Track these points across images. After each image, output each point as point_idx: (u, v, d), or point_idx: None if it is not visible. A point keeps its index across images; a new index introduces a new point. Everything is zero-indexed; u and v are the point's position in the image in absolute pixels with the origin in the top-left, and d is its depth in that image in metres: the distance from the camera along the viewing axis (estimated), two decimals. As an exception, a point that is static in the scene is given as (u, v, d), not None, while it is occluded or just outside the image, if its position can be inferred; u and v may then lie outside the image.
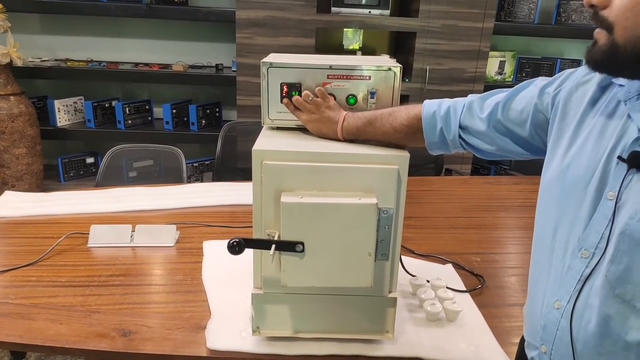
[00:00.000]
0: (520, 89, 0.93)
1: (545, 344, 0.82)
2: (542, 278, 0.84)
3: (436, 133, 1.00)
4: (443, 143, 1.01)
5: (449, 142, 1.00)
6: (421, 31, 2.95)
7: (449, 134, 0.99)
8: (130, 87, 3.38)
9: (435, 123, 1.00)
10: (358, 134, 1.05)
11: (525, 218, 1.87)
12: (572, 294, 0.76)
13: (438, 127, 1.00)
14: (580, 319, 0.75)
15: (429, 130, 1.00)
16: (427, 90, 3.05)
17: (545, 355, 0.82)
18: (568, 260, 0.77)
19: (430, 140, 1.01)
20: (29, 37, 3.16)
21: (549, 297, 0.81)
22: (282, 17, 2.85)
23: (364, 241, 0.94)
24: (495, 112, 0.95)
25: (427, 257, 1.49)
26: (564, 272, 0.78)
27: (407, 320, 1.17)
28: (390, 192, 0.96)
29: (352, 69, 1.08)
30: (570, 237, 0.78)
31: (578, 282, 0.76)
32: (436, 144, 1.02)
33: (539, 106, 0.88)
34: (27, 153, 2.85)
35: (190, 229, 1.63)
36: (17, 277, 1.30)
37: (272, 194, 0.96)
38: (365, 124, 1.04)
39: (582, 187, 0.76)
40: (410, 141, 1.03)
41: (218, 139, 2.54)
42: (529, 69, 3.34)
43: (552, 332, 0.79)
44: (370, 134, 1.04)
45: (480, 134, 0.97)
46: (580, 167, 0.77)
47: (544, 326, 0.81)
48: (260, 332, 1.07)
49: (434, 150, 1.03)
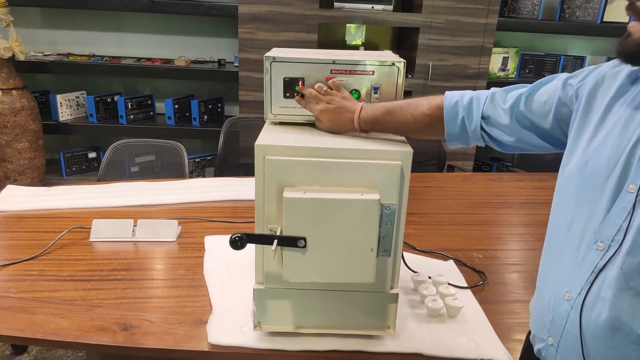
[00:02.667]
0: (543, 82, 0.93)
1: (552, 336, 0.81)
2: (553, 270, 0.83)
3: (457, 123, 0.99)
4: (463, 134, 1.00)
5: (469, 133, 0.99)
6: (424, 27, 2.93)
7: (470, 125, 0.98)
8: (133, 82, 3.37)
9: (457, 113, 0.99)
10: (376, 122, 1.03)
11: (528, 215, 1.87)
12: (583, 286, 0.76)
13: (460, 116, 0.99)
14: (590, 311, 0.75)
15: (450, 119, 0.99)
16: (430, 86, 3.04)
17: (551, 347, 0.82)
18: (582, 252, 0.77)
19: (451, 130, 1.00)
20: (31, 31, 3.16)
21: (558, 289, 0.80)
22: (284, 12, 2.84)
23: (367, 237, 0.93)
24: (517, 104, 0.94)
25: (429, 254, 1.49)
26: (577, 264, 0.77)
27: (409, 316, 1.17)
28: (393, 188, 0.95)
29: (356, 64, 1.07)
30: (586, 229, 0.77)
31: (591, 274, 0.75)
32: (456, 135, 1.00)
33: (563, 98, 0.87)
34: (29, 147, 2.85)
35: (192, 224, 1.62)
36: (19, 271, 1.30)
37: (274, 189, 0.96)
38: (384, 113, 1.03)
39: (603, 178, 0.75)
40: (430, 131, 1.02)
41: (220, 135, 2.54)
42: (532, 66, 3.32)
43: (560, 324, 0.79)
44: (389, 123, 1.03)
45: (502, 125, 0.96)
46: (602, 158, 0.76)
47: (552, 318, 0.81)
48: (261, 327, 1.07)
49: (452, 142, 1.02)
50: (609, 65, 0.83)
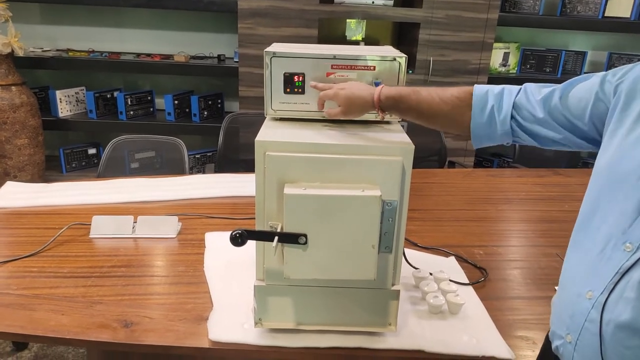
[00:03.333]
0: (579, 80, 0.90)
1: (571, 334, 0.81)
2: (576, 267, 0.83)
3: (486, 111, 0.95)
4: (491, 124, 0.96)
5: (497, 123, 0.95)
6: (425, 22, 2.92)
7: (499, 113, 0.95)
8: (132, 77, 3.36)
9: (486, 100, 0.96)
10: (399, 99, 1.00)
11: (529, 211, 1.87)
12: (607, 286, 0.75)
13: (489, 104, 0.95)
14: (612, 311, 0.74)
15: (478, 106, 0.96)
16: (431, 82, 3.03)
17: (569, 344, 0.81)
18: (608, 252, 0.76)
19: (478, 120, 0.96)
20: (30, 27, 3.14)
21: (580, 286, 0.80)
22: (284, 7, 2.83)
23: (368, 233, 0.93)
24: (551, 98, 0.91)
25: (430, 250, 1.49)
26: (602, 264, 0.77)
27: (410, 313, 1.17)
28: (394, 185, 0.95)
29: (356, 59, 1.06)
30: (614, 229, 0.76)
31: (616, 275, 0.74)
32: (483, 126, 0.96)
33: (600, 94, 0.85)
34: (29, 144, 2.84)
35: (192, 220, 1.62)
36: (19, 268, 1.30)
37: (275, 185, 0.95)
38: (409, 92, 0.99)
39: (635, 179, 0.74)
40: (455, 118, 0.98)
41: (220, 131, 2.53)
42: (533, 61, 3.31)
43: (580, 322, 0.79)
44: (414, 101, 0.99)
45: (535, 117, 0.93)
46: (635, 159, 0.75)
47: (572, 315, 0.81)
48: (262, 324, 1.07)
49: (477, 134, 0.97)
50: None
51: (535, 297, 1.29)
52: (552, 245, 1.57)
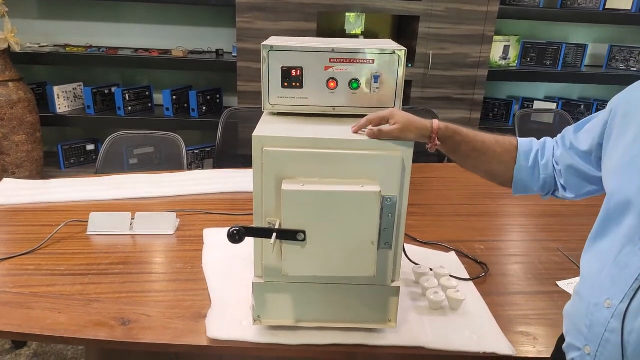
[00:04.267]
0: (596, 115, 0.94)
1: (589, 345, 0.78)
2: (592, 275, 0.81)
3: (531, 156, 1.01)
4: (534, 169, 1.01)
5: (540, 168, 1.01)
6: (424, 15, 2.90)
7: (542, 158, 1.00)
8: (130, 73, 3.34)
9: (531, 147, 1.02)
10: (458, 131, 1.01)
11: (529, 205, 1.85)
12: (627, 294, 0.73)
13: (534, 150, 1.02)
14: (634, 320, 0.72)
15: (524, 152, 1.02)
16: (430, 75, 3.01)
17: (588, 356, 0.79)
18: (624, 258, 0.74)
19: (523, 164, 1.01)
20: (26, 22, 3.12)
21: (598, 295, 0.77)
22: (283, 1, 2.80)
23: (367, 230, 0.92)
24: (564, 135, 0.99)
25: (430, 245, 1.48)
26: (619, 270, 0.75)
27: (410, 309, 1.16)
28: (394, 180, 0.94)
29: (355, 52, 1.05)
30: (629, 234, 0.75)
31: (635, 282, 0.72)
32: (527, 169, 1.01)
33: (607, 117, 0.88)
34: (26, 140, 2.83)
35: (191, 216, 1.61)
36: (16, 266, 1.29)
37: (272, 181, 0.94)
38: (467, 129, 1.03)
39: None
40: (505, 160, 1.03)
41: (218, 126, 2.51)
42: (533, 54, 3.28)
43: (599, 332, 0.76)
44: (470, 136, 1.02)
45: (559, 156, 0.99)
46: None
47: (590, 326, 0.78)
48: (261, 322, 1.06)
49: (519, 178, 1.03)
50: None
51: (536, 292, 1.28)
52: (552, 239, 1.56)
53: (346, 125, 1.04)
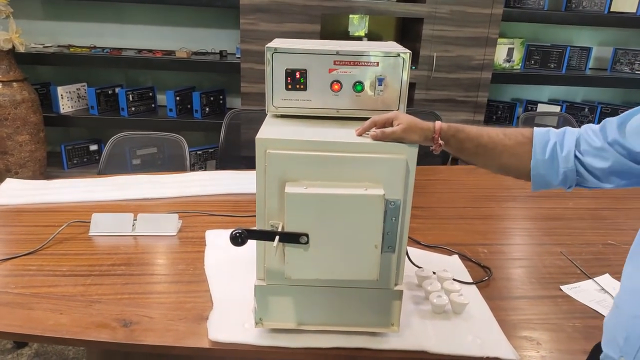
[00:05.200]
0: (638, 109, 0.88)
1: (624, 356, 0.78)
2: (632, 287, 0.79)
3: (548, 148, 0.94)
4: (553, 162, 0.94)
5: (559, 161, 0.93)
6: (428, 17, 2.89)
7: (562, 149, 0.93)
8: (134, 73, 3.35)
9: (548, 138, 0.95)
10: (461, 129, 0.99)
11: (533, 208, 1.84)
12: None
13: (551, 142, 0.94)
14: None
15: (540, 143, 0.95)
16: (434, 77, 3.00)
17: None
18: None
19: (539, 157, 0.95)
20: (31, 23, 3.13)
21: (636, 307, 0.76)
22: (286, 3, 2.80)
23: (371, 233, 0.91)
24: (605, 127, 0.91)
25: (434, 248, 1.47)
26: None
27: (413, 313, 1.15)
28: (397, 183, 0.93)
29: (360, 55, 1.04)
30: None
31: None
32: (544, 163, 0.95)
33: None
34: (30, 140, 2.83)
35: (193, 218, 1.61)
36: (18, 266, 1.29)
37: (276, 184, 0.94)
38: (471, 127, 0.99)
39: None
40: (518, 152, 0.97)
41: (222, 127, 2.51)
42: (537, 57, 3.28)
43: (635, 345, 0.75)
44: (474, 132, 0.99)
45: (592, 147, 0.91)
46: None
47: (627, 337, 0.77)
48: (263, 324, 1.05)
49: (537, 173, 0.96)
50: None
51: (540, 297, 1.27)
52: (556, 243, 1.55)
53: (350, 128, 1.04)
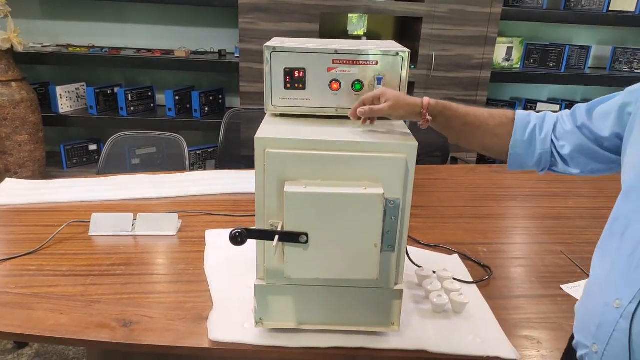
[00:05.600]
0: (607, 97, 0.92)
1: (597, 344, 0.79)
2: (602, 275, 0.81)
3: (527, 130, 0.98)
4: (531, 143, 0.98)
5: (537, 142, 0.98)
6: (427, 16, 2.89)
7: (540, 132, 0.98)
8: (133, 73, 3.35)
9: (529, 120, 1.00)
10: (448, 106, 1.02)
11: (533, 207, 1.85)
12: (636, 295, 0.73)
13: (532, 124, 0.99)
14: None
15: (521, 125, 0.99)
16: (433, 77, 3.00)
17: (595, 355, 0.79)
18: (636, 259, 0.74)
19: (519, 137, 0.99)
20: (29, 22, 3.12)
21: (608, 295, 0.77)
22: (285, 2, 2.80)
23: (370, 232, 0.91)
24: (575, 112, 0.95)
25: (433, 248, 1.47)
26: (630, 271, 0.75)
27: (413, 312, 1.15)
28: (397, 182, 0.93)
29: (359, 54, 1.04)
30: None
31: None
32: (522, 143, 0.99)
33: (624, 106, 0.86)
34: (29, 140, 2.83)
35: (193, 217, 1.60)
36: (17, 266, 1.29)
37: (275, 183, 0.94)
38: (458, 104, 1.02)
39: None
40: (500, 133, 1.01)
41: (221, 127, 2.51)
42: (536, 56, 3.28)
43: (608, 332, 0.76)
44: (462, 110, 1.02)
45: (564, 130, 0.96)
46: None
47: (599, 325, 0.78)
48: (263, 324, 1.05)
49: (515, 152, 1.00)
50: None
51: (540, 296, 1.27)
52: (556, 242, 1.55)
53: (349, 127, 1.04)
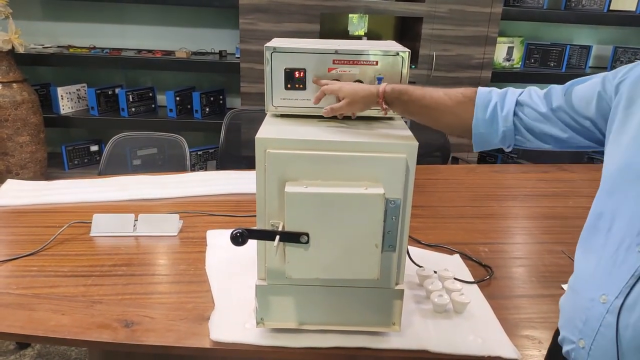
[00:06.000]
0: (580, 80, 0.90)
1: (584, 339, 0.79)
2: (588, 270, 0.81)
3: (489, 108, 0.95)
4: (492, 122, 0.95)
5: (499, 121, 0.94)
6: (428, 16, 2.89)
7: (502, 110, 0.94)
8: (134, 74, 3.35)
9: (490, 98, 0.96)
10: (404, 91, 1.00)
11: (533, 207, 1.85)
12: (622, 290, 0.73)
13: (492, 102, 0.95)
14: (629, 315, 0.72)
15: (482, 103, 0.96)
16: (434, 77, 3.00)
17: (582, 350, 0.79)
18: (621, 254, 0.74)
19: (480, 116, 0.96)
20: (30, 24, 3.13)
21: (593, 290, 0.78)
22: (285, 3, 2.80)
23: (371, 232, 0.91)
24: (551, 94, 0.92)
25: (434, 247, 1.47)
26: (615, 267, 0.75)
27: (414, 312, 1.15)
28: (397, 182, 0.93)
29: (359, 54, 1.04)
30: (627, 231, 0.74)
31: (631, 278, 0.72)
32: (484, 122, 0.95)
33: (602, 93, 0.85)
34: (30, 141, 2.83)
35: (194, 218, 1.61)
36: (19, 267, 1.29)
37: (276, 183, 0.94)
38: (414, 88, 1.00)
39: None
40: (459, 112, 0.98)
41: (222, 127, 2.51)
42: (537, 55, 3.27)
43: (594, 327, 0.77)
44: (418, 94, 0.99)
45: (538, 112, 0.92)
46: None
47: (585, 320, 0.79)
48: (264, 324, 1.05)
49: (478, 132, 0.96)
50: None
51: (541, 296, 1.27)
52: (557, 242, 1.55)
53: (350, 128, 1.04)
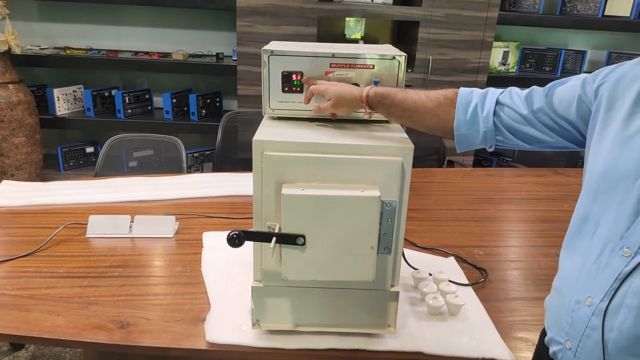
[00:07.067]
0: (561, 82, 0.91)
1: (570, 340, 0.80)
2: (573, 272, 0.82)
3: (469, 109, 0.96)
4: (473, 122, 0.96)
5: (480, 121, 0.95)
6: (424, 20, 2.91)
7: (482, 110, 0.95)
8: (130, 76, 3.35)
9: (470, 99, 0.97)
10: (386, 95, 1.01)
11: (528, 210, 1.86)
12: (607, 293, 0.74)
13: (473, 103, 0.96)
14: (614, 318, 0.73)
15: (462, 104, 0.97)
16: (430, 80, 3.02)
17: (569, 351, 0.80)
18: (605, 257, 0.75)
19: (461, 117, 0.96)
20: (27, 25, 3.12)
21: (579, 292, 0.79)
22: (283, 5, 2.81)
23: (367, 234, 0.92)
24: (532, 96, 0.92)
25: (430, 250, 1.48)
26: (599, 269, 0.76)
27: (409, 314, 1.16)
28: (393, 185, 0.94)
29: (356, 58, 1.05)
30: (610, 234, 0.75)
31: (615, 281, 0.73)
32: (465, 123, 0.96)
33: (582, 96, 0.85)
34: (26, 142, 2.82)
35: (190, 219, 1.61)
36: (15, 268, 1.29)
37: (272, 185, 0.94)
38: (397, 90, 1.01)
39: (630, 182, 0.73)
40: (440, 114, 0.98)
41: (218, 129, 2.52)
42: (532, 60, 3.30)
43: (580, 329, 0.78)
44: (400, 97, 1.00)
45: (519, 114, 0.93)
46: (630, 160, 0.74)
47: (572, 322, 0.80)
48: (260, 326, 1.06)
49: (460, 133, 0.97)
50: (631, 64, 0.80)
51: (535, 298, 1.28)
52: (551, 245, 1.56)
53: (346, 130, 1.05)
